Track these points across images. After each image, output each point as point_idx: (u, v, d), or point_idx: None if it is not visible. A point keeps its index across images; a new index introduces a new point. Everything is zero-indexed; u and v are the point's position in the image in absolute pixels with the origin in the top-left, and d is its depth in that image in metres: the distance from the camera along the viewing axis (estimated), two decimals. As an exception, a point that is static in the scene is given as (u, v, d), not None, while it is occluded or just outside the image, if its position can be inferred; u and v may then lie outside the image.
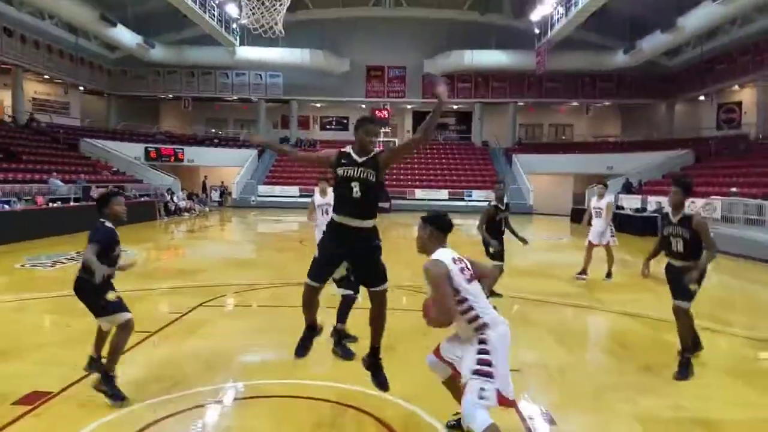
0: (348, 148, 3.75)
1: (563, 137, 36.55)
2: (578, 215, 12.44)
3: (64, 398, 4.05)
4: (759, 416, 4.14)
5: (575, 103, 34.97)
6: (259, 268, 11.04)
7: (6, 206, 14.14)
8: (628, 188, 25.41)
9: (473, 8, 32.15)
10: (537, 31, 29.46)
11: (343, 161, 3.68)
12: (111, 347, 4.08)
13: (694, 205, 17.07)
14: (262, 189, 30.08)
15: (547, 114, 36.68)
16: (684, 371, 4.75)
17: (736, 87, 27.26)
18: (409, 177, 31.46)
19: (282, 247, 14.81)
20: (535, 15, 28.03)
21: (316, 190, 8.12)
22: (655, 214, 18.61)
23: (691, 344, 4.96)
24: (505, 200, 7.49)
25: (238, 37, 30.75)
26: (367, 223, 3.68)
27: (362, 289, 4.14)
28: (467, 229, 22.60)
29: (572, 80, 33.20)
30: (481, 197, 28.74)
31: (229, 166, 31.87)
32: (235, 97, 35.06)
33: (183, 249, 14.56)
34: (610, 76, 32.48)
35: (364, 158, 3.66)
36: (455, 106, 35.96)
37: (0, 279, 8.99)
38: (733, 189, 17.82)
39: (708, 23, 23.63)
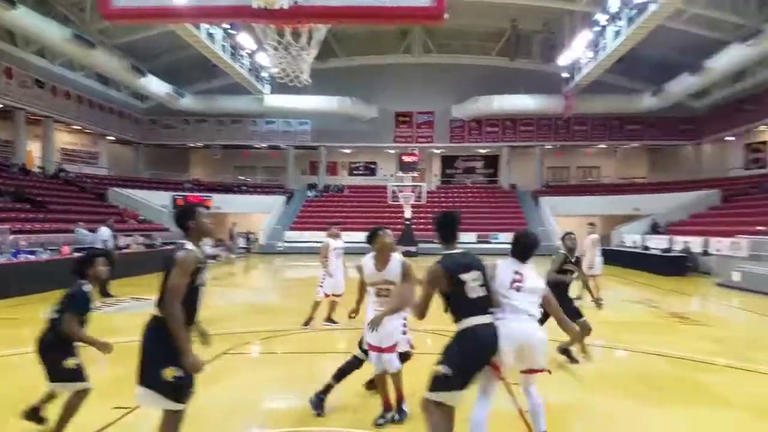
0: None
1: (590, 179, 36.14)
2: (605, 255, 12.89)
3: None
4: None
5: (603, 146, 34.66)
6: (284, 314, 10.76)
7: (31, 256, 13.95)
8: (654, 229, 25.05)
9: (502, 54, 32.46)
10: (565, 75, 29.51)
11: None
12: (64, 412, 3.91)
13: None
14: (289, 235, 30.01)
15: (575, 156, 36.32)
16: None
17: (763, 127, 26.80)
18: (436, 221, 31.01)
19: (307, 293, 14.48)
20: (564, 60, 28.07)
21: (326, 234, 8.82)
22: (683, 254, 19.23)
23: None
24: (577, 253, 6.89)
25: (268, 86, 31.37)
26: None
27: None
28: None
29: (600, 123, 33.11)
30: (508, 240, 28.31)
31: (257, 212, 32.01)
32: (265, 145, 35.41)
33: (208, 297, 14.32)
34: (638, 119, 32.22)
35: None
36: (483, 150, 35.96)
37: (24, 331, 8.56)
38: (761, 227, 17.34)
39: (736, 65, 23.61)
